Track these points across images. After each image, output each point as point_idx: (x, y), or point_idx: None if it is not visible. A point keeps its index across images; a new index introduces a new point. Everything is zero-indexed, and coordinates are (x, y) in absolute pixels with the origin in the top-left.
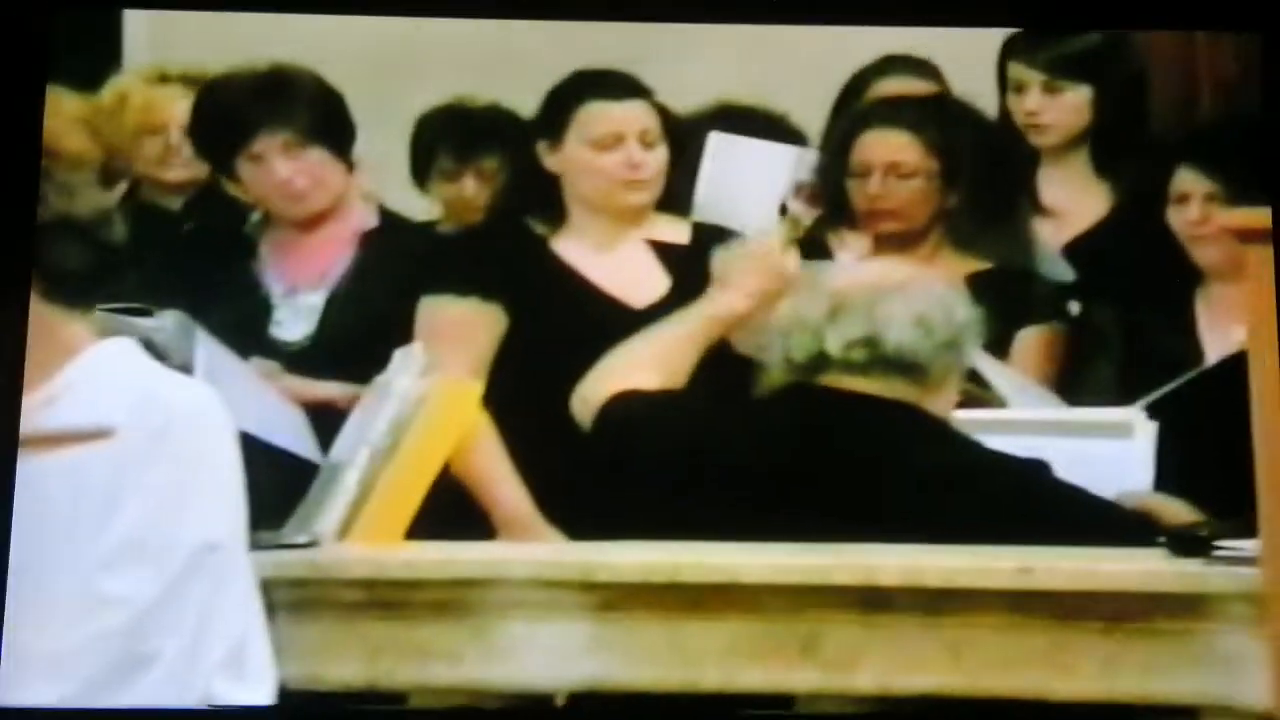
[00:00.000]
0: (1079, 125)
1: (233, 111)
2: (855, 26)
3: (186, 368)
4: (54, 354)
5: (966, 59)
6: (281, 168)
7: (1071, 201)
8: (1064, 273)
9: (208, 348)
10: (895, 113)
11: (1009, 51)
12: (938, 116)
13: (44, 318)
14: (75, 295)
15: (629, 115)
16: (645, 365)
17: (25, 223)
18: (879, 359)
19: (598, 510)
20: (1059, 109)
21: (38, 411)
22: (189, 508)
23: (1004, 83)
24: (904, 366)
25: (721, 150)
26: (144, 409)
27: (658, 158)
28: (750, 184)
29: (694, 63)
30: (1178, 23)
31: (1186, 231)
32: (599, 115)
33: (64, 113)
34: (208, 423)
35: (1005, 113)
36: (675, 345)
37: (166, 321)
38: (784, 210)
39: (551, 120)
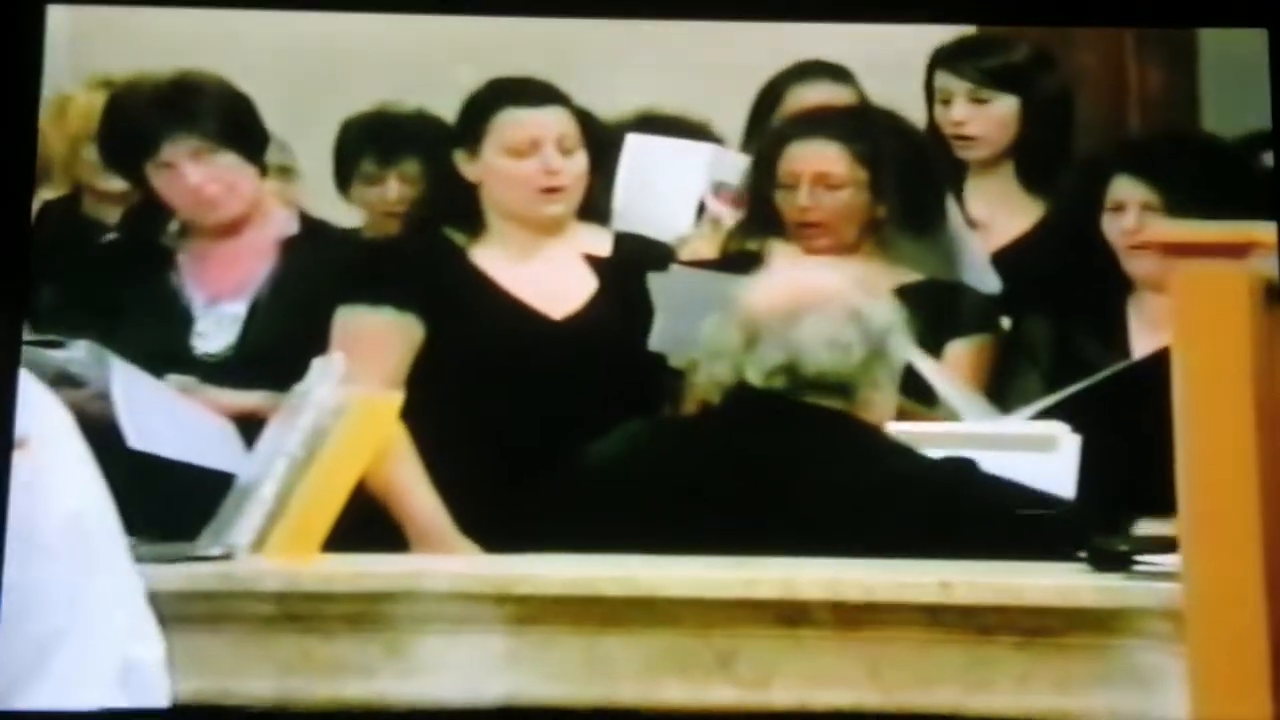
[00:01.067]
0: (1006, 137)
1: (140, 119)
2: (806, 24)
3: (103, 395)
4: None
5: (889, 62)
6: (192, 174)
7: (998, 213)
8: (992, 284)
9: (123, 373)
10: (823, 123)
11: (936, 62)
12: (865, 127)
13: None
14: None
15: (545, 121)
16: None
17: (21, 221)
18: (801, 384)
19: (513, 523)
20: (986, 120)
21: None
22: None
23: (931, 93)
24: (828, 388)
25: (639, 152)
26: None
27: (576, 165)
28: (668, 184)
29: (617, 70)
30: (1182, 20)
31: (1121, 241)
32: (515, 122)
33: None
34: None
35: (933, 123)
36: None
37: (79, 351)
38: (702, 209)
39: (469, 128)
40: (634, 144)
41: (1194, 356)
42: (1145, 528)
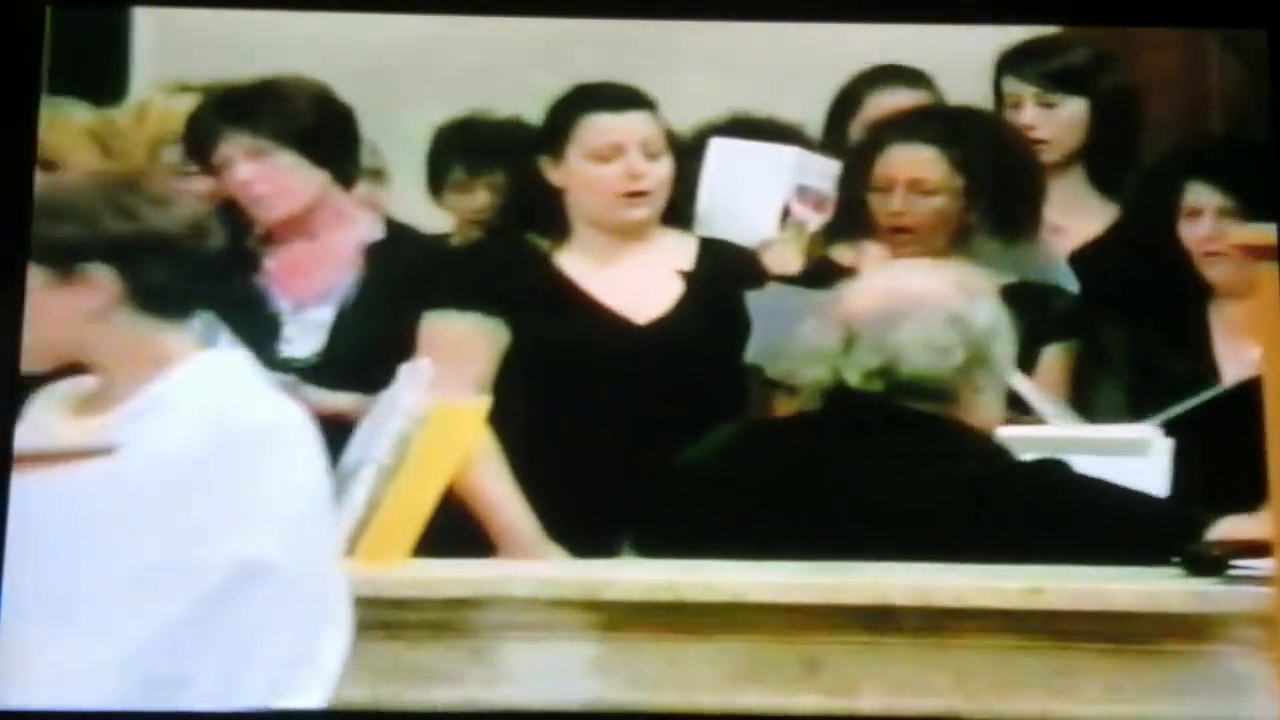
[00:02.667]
0: (1075, 140)
1: (203, 118)
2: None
3: None
4: (145, 366)
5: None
6: (242, 171)
7: (1071, 217)
8: (1071, 287)
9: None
10: (920, 127)
11: (1003, 66)
12: (963, 132)
13: (138, 329)
14: (169, 307)
15: (629, 126)
16: None
17: (21, 218)
18: (898, 387)
19: (600, 529)
20: (1055, 124)
21: (123, 424)
22: (235, 528)
23: (1000, 98)
24: (926, 392)
25: (723, 155)
26: (215, 430)
27: (660, 169)
28: (752, 188)
29: (693, 73)
30: (1183, 20)
31: (1198, 247)
32: (599, 127)
33: (70, 125)
34: (277, 442)
35: None
36: None
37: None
38: (787, 214)
39: (553, 134)
40: (718, 147)
41: None
42: (1232, 525)
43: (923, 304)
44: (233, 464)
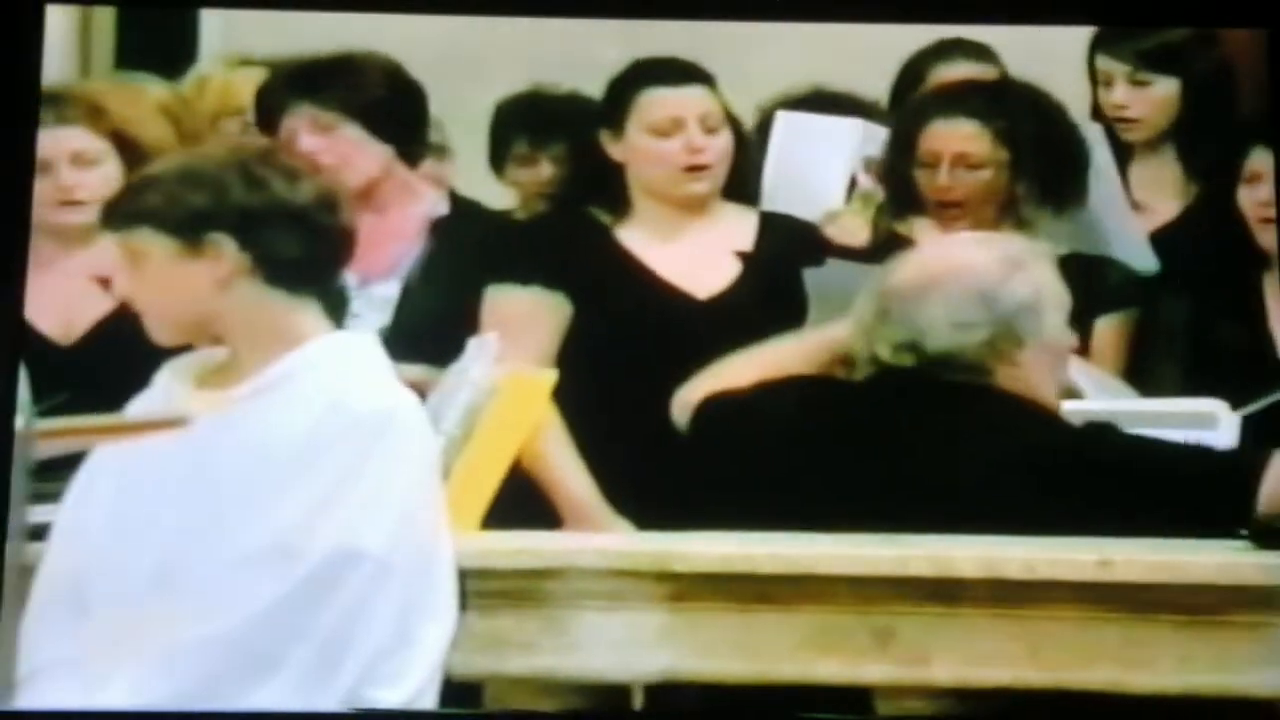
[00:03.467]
0: (1166, 119)
1: (270, 90)
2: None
3: None
4: (273, 342)
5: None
6: (306, 142)
7: (1159, 196)
8: (1149, 264)
9: None
10: (962, 101)
11: (1096, 45)
12: (1005, 104)
13: (267, 303)
14: (299, 281)
15: (688, 100)
16: (749, 377)
17: (20, 215)
18: (928, 361)
19: (665, 500)
20: (1147, 102)
21: (246, 400)
22: (338, 516)
23: (1094, 76)
24: (959, 366)
25: (789, 129)
26: (327, 416)
27: (720, 143)
28: (819, 161)
29: (757, 57)
30: (1184, 20)
31: (1255, 213)
32: (658, 101)
33: (143, 100)
34: (389, 430)
35: (1097, 106)
36: (782, 362)
37: None
38: (854, 185)
39: (613, 109)
40: (785, 121)
41: None
42: None
43: (954, 279)
44: (343, 449)
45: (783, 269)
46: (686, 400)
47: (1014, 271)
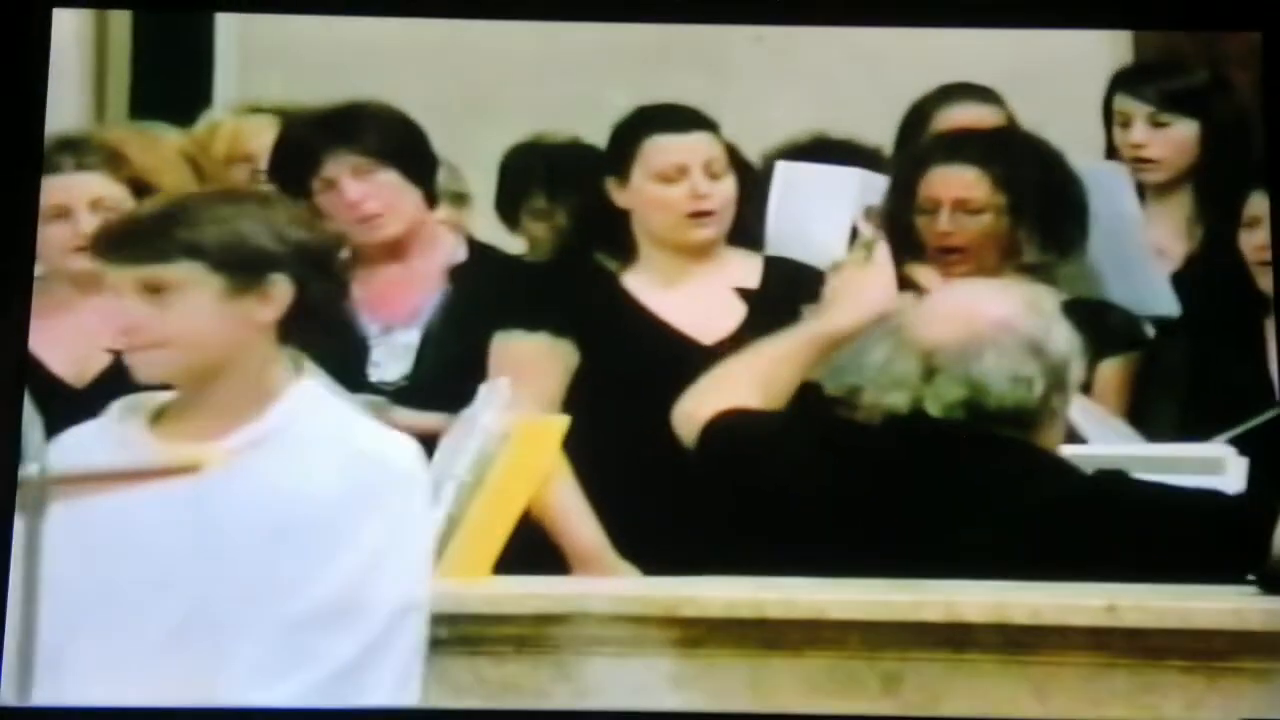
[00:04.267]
0: (1185, 161)
1: (305, 139)
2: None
3: None
4: (248, 388)
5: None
6: (352, 189)
7: (1172, 239)
8: (1170, 308)
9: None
10: (961, 147)
11: (1116, 85)
12: (1004, 150)
13: (270, 350)
14: (312, 330)
15: (693, 146)
16: (748, 383)
17: (26, 228)
18: (982, 417)
19: (674, 544)
20: (1166, 143)
21: (246, 451)
22: (389, 569)
23: (1109, 116)
24: (1009, 419)
25: (789, 178)
26: (355, 466)
27: (725, 189)
28: (819, 211)
29: (761, 103)
30: (1180, 23)
31: (1254, 257)
32: (663, 148)
33: (161, 147)
34: (412, 480)
35: (1111, 146)
36: (777, 364)
37: None
38: (854, 235)
39: (617, 156)
40: (784, 170)
41: None
42: None
43: (1002, 331)
44: (386, 502)
45: (787, 313)
46: (692, 414)
47: (1048, 321)
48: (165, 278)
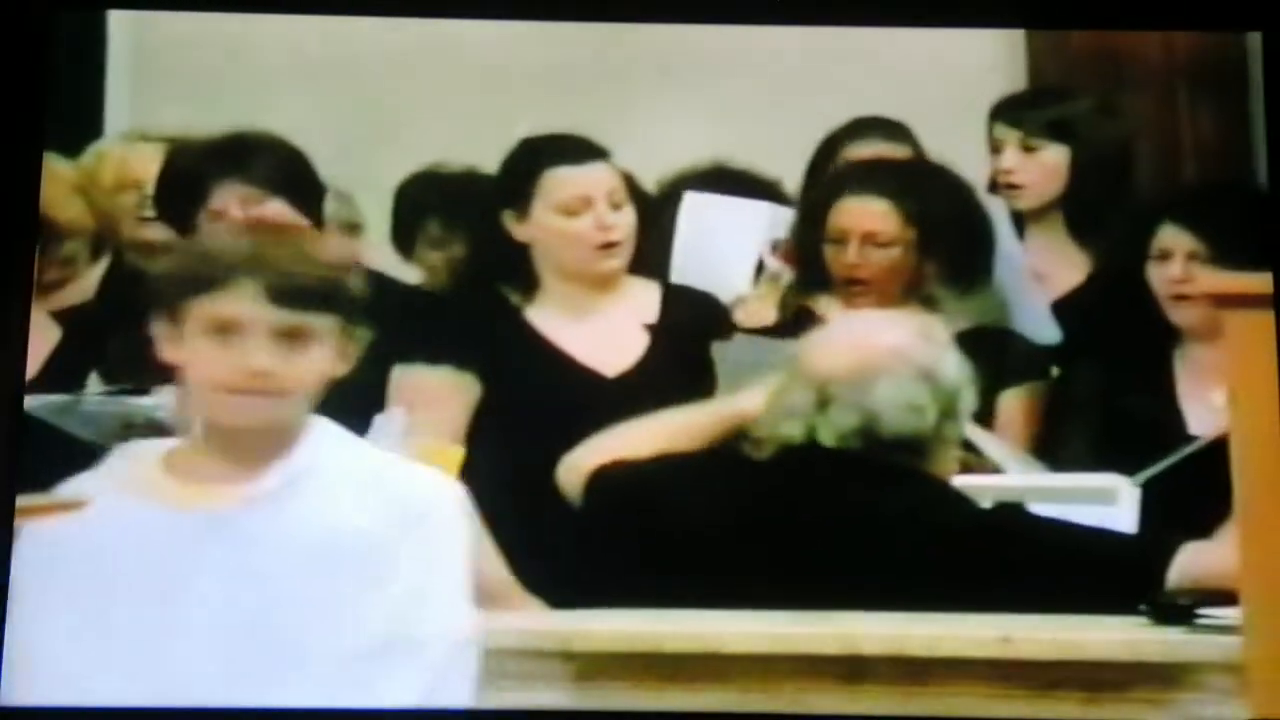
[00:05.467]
0: (1054, 187)
1: (192, 169)
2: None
3: None
4: (280, 430)
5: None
6: (240, 218)
7: (1052, 265)
8: (1052, 335)
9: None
10: (873, 179)
11: (995, 114)
12: (914, 183)
13: None
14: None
15: (594, 177)
16: (640, 445)
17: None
18: (876, 445)
19: (578, 578)
20: (1034, 169)
21: (276, 493)
22: (442, 603)
23: (991, 145)
24: (902, 448)
25: (697, 209)
26: (393, 504)
27: (627, 219)
28: (727, 242)
29: (668, 126)
30: (1177, 23)
31: (1166, 290)
32: (563, 180)
33: (58, 181)
34: (451, 513)
35: (993, 177)
36: (679, 433)
37: (165, 399)
38: (761, 267)
39: (515, 189)
40: (691, 202)
41: (1248, 407)
42: (1194, 552)
43: (894, 361)
44: (431, 536)
45: (689, 343)
46: (577, 466)
47: (939, 349)
48: (309, 326)
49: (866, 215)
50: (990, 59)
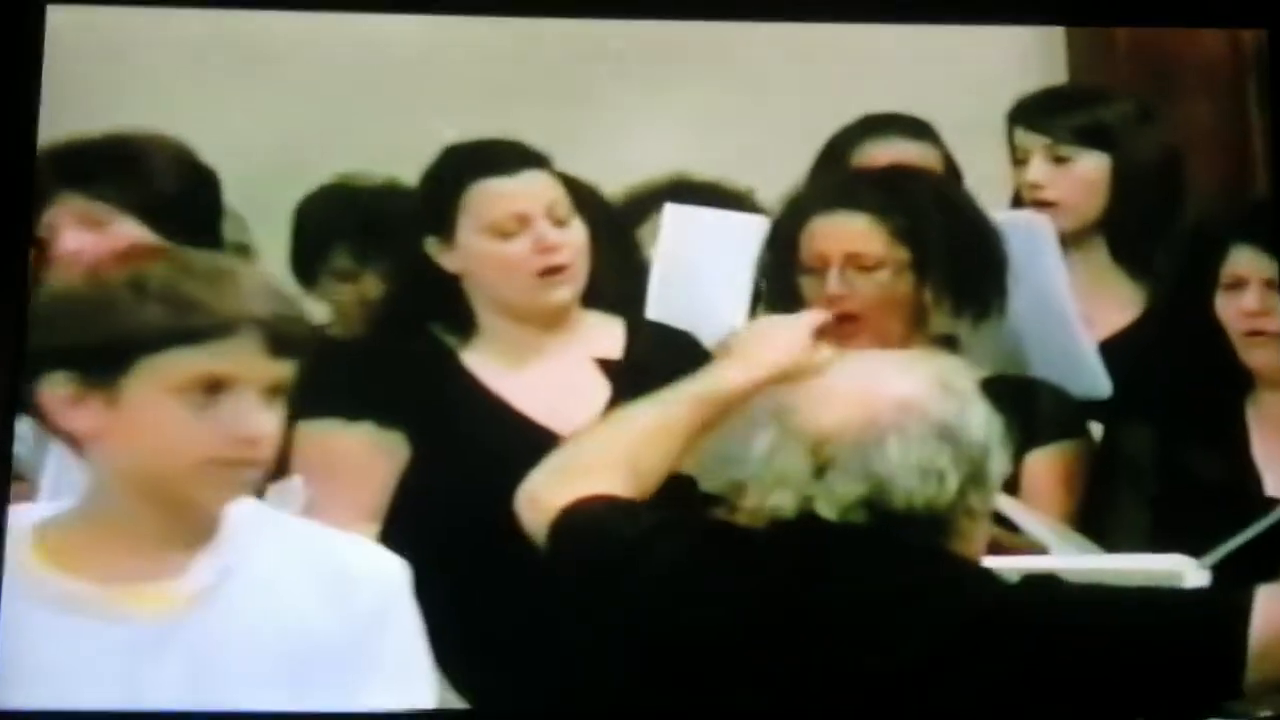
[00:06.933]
0: (1094, 205)
1: (36, 176)
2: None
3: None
4: (194, 513)
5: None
6: (70, 241)
7: (1094, 301)
8: (1104, 387)
9: (59, 460)
10: (845, 192)
11: (1013, 118)
12: (902, 193)
13: None
14: None
15: (528, 189)
16: (611, 462)
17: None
18: (886, 519)
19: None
20: (1069, 183)
21: (216, 587)
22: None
23: (1014, 155)
24: (919, 523)
25: (679, 224)
26: (340, 586)
27: (574, 237)
28: (716, 264)
29: (638, 137)
30: (1182, 20)
31: (1239, 325)
32: (492, 195)
33: None
34: (400, 591)
35: (1018, 192)
36: (650, 437)
37: (23, 430)
38: (759, 295)
39: (436, 210)
40: (674, 215)
41: None
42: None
43: (906, 417)
44: (392, 617)
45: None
46: (540, 500)
47: (963, 401)
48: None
49: (844, 235)
50: (1018, 58)
